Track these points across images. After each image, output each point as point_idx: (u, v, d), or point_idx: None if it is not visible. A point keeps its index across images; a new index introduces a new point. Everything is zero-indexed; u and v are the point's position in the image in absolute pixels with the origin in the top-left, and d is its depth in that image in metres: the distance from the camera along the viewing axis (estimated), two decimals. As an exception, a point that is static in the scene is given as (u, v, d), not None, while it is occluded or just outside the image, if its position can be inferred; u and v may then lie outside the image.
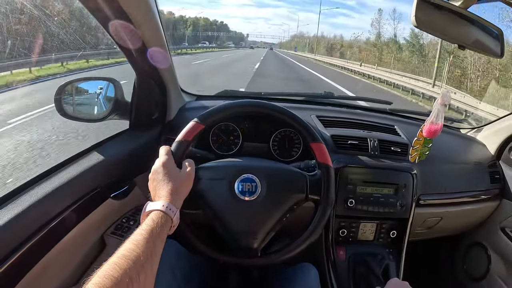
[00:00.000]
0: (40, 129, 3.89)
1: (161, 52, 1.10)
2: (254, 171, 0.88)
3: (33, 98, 5.05)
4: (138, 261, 0.58)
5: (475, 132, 1.66)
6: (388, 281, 0.91)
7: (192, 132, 0.89)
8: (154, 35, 1.02)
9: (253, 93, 1.60)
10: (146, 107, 1.23)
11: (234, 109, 0.94)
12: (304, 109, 1.44)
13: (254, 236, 0.86)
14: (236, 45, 71.76)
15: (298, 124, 0.95)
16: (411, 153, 1.19)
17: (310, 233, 0.89)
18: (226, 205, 0.86)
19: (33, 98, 5.08)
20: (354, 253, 1.24)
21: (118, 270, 0.54)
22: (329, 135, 1.27)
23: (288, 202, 0.88)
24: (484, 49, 0.93)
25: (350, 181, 1.19)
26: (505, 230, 1.45)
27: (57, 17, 2.87)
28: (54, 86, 1.07)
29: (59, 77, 5.93)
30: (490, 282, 1.49)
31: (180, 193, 0.79)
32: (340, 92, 10.55)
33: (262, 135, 1.28)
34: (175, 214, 0.74)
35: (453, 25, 0.85)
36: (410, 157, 1.20)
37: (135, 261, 0.58)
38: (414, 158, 1.20)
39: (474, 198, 1.44)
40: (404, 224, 1.26)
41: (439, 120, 1.10)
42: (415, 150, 1.18)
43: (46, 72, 5.95)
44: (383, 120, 1.48)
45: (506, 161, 1.51)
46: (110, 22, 0.90)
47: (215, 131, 1.26)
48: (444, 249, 1.77)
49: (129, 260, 0.57)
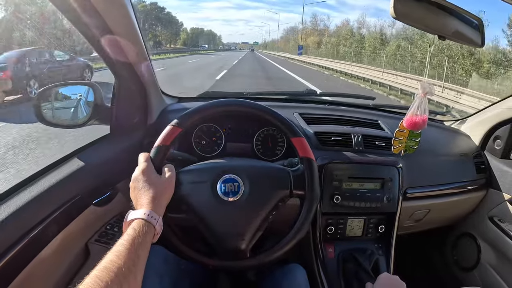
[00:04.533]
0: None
1: (140, 55, 1.09)
2: (236, 171, 0.88)
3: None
4: (120, 272, 0.57)
5: (459, 124, 1.68)
6: (378, 276, 0.91)
7: (170, 136, 0.88)
8: (131, 38, 1.01)
9: (236, 93, 1.59)
10: (127, 111, 1.21)
11: (210, 110, 0.93)
12: (287, 107, 1.44)
13: (241, 237, 0.84)
14: (210, 49, 58.41)
15: (277, 120, 0.94)
16: (394, 145, 1.18)
17: (298, 230, 0.88)
18: (210, 207, 0.85)
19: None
20: (343, 250, 1.24)
21: (100, 283, 0.54)
22: (312, 132, 1.26)
23: (272, 200, 0.87)
24: (464, 39, 0.93)
25: (335, 177, 1.19)
26: (493, 219, 1.46)
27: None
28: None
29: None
30: (481, 271, 1.51)
31: (161, 199, 0.78)
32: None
33: (245, 135, 1.27)
34: (158, 222, 0.73)
35: (433, 16, 0.85)
36: (393, 148, 1.19)
37: (117, 273, 0.57)
38: (398, 149, 1.19)
39: (461, 189, 1.45)
40: (392, 218, 1.26)
41: (422, 111, 1.09)
42: (398, 141, 1.17)
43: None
44: (366, 116, 1.48)
45: (491, 151, 1.53)
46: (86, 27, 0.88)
47: (198, 133, 1.25)
48: (433, 241, 1.79)
49: (111, 272, 0.57)
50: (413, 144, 1.18)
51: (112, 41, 0.95)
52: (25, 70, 5.12)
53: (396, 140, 1.16)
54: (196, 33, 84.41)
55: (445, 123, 1.72)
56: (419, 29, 0.92)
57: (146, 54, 1.13)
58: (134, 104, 1.22)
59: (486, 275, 1.48)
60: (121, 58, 1.03)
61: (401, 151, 1.18)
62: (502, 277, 1.41)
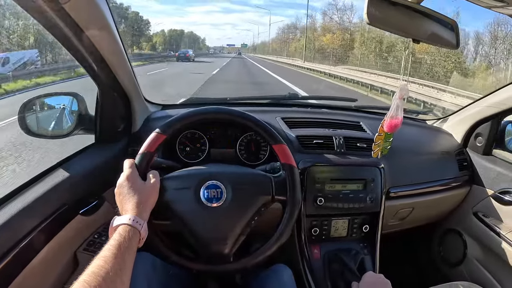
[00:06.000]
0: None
1: (121, 63, 1.10)
2: (219, 177, 0.90)
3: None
4: (108, 277, 0.59)
5: (441, 122, 1.70)
6: (363, 275, 0.93)
7: (155, 143, 0.89)
8: (112, 47, 1.02)
9: (219, 99, 1.60)
10: (111, 120, 1.22)
11: (194, 117, 0.95)
12: (269, 112, 1.46)
13: (224, 242, 0.87)
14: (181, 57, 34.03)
15: (258, 127, 0.96)
16: (373, 149, 1.20)
17: (280, 235, 0.90)
18: (194, 213, 0.87)
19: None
20: (328, 250, 1.26)
21: (88, 287, 0.55)
22: (294, 135, 1.28)
23: (255, 205, 0.89)
24: (440, 42, 0.95)
25: (318, 180, 1.20)
26: (478, 214, 1.49)
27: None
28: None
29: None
30: (468, 266, 1.53)
31: (146, 205, 0.80)
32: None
33: (229, 141, 1.29)
34: (142, 226, 0.75)
35: (408, 20, 0.86)
36: (373, 152, 1.21)
37: (104, 277, 0.59)
38: (377, 153, 1.21)
39: (444, 186, 1.47)
40: (376, 217, 1.28)
41: (398, 113, 1.11)
42: (377, 145, 1.19)
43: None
44: (348, 117, 1.50)
45: (473, 148, 1.56)
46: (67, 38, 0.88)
47: (182, 140, 1.27)
48: (419, 238, 1.81)
49: (98, 276, 0.58)
50: (387, 145, 1.20)
51: (93, 51, 0.96)
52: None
53: (375, 145, 1.19)
54: (175, 35, 71.28)
55: (427, 122, 1.75)
56: (394, 34, 0.94)
57: (127, 62, 1.14)
58: (117, 112, 1.23)
59: (473, 270, 1.51)
60: (103, 67, 1.04)
61: (378, 154, 1.21)
62: (489, 271, 1.44)
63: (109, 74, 1.08)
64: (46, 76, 7.72)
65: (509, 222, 1.39)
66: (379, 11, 0.81)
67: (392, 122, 1.12)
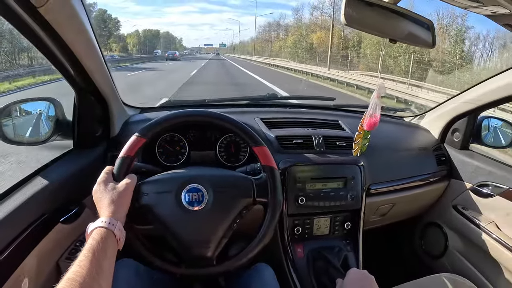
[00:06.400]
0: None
1: (98, 66, 1.08)
2: (199, 180, 0.90)
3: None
4: (84, 281, 0.59)
5: (418, 119, 1.74)
6: (348, 272, 0.94)
7: (134, 147, 0.89)
8: (89, 51, 1.01)
9: (198, 101, 1.60)
10: (88, 125, 1.20)
11: (174, 120, 0.95)
12: (248, 113, 1.46)
13: (206, 245, 0.87)
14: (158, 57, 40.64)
15: (238, 129, 0.96)
16: (353, 148, 1.22)
17: (262, 236, 0.91)
18: (175, 217, 0.87)
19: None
20: (312, 249, 1.27)
21: None
22: (274, 136, 1.29)
23: (236, 208, 0.90)
24: (417, 41, 0.97)
25: (298, 179, 1.21)
26: (457, 207, 1.54)
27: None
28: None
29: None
30: (450, 258, 1.58)
31: (119, 205, 0.80)
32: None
33: (209, 143, 1.29)
34: (116, 227, 0.74)
35: (384, 20, 0.87)
36: (353, 151, 1.23)
37: (81, 282, 0.59)
38: (356, 152, 1.23)
39: (423, 182, 1.51)
40: (357, 214, 1.30)
41: (376, 112, 1.13)
42: (356, 144, 1.21)
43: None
44: (327, 116, 1.52)
45: (450, 143, 1.60)
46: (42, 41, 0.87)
47: (161, 143, 1.26)
48: (401, 233, 1.85)
49: (75, 282, 0.58)
50: (365, 142, 1.22)
51: (69, 54, 0.94)
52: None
53: (355, 143, 1.21)
54: (149, 36, 68.00)
55: (405, 119, 1.79)
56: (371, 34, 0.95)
57: (104, 66, 1.12)
58: (95, 117, 1.21)
59: (454, 261, 1.55)
60: (79, 71, 1.03)
61: (358, 152, 1.23)
62: (470, 261, 1.48)
63: (85, 78, 1.06)
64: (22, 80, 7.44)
65: (488, 214, 1.44)
66: (356, 12, 0.82)
67: (371, 121, 1.14)
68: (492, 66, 20.60)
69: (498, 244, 1.32)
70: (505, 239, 1.30)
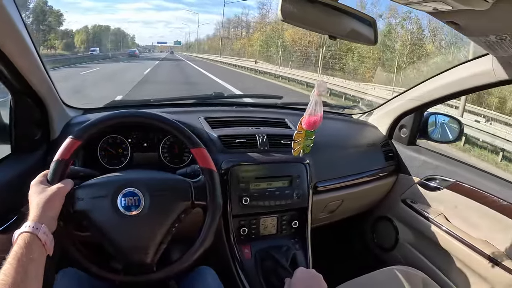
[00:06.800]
0: None
1: (33, 66, 1.02)
2: (135, 184, 0.86)
3: None
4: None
5: (366, 116, 1.78)
6: (294, 271, 0.93)
7: (69, 150, 0.84)
8: (22, 50, 0.94)
9: (143, 101, 1.54)
10: (27, 128, 1.13)
11: (109, 122, 0.91)
12: (193, 112, 1.43)
13: (145, 251, 0.84)
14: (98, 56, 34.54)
15: (175, 130, 0.93)
16: (293, 147, 1.17)
17: (202, 240, 0.89)
18: (112, 222, 0.83)
19: None
20: (259, 249, 1.25)
21: None
22: (216, 136, 1.26)
23: (174, 212, 0.87)
24: (358, 38, 0.97)
25: (242, 179, 1.20)
26: (406, 201, 1.59)
27: None
28: None
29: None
30: (401, 250, 1.63)
31: (46, 209, 0.76)
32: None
33: (151, 144, 1.24)
34: (40, 231, 0.71)
35: (325, 17, 0.85)
36: (293, 151, 1.18)
37: None
38: (298, 151, 1.18)
39: (372, 177, 1.54)
40: (305, 213, 1.30)
41: (318, 110, 1.09)
42: (297, 143, 1.16)
43: None
44: (273, 115, 1.51)
45: (398, 139, 1.65)
46: None
47: (103, 146, 1.20)
48: (352, 228, 1.89)
49: None
50: (309, 143, 1.18)
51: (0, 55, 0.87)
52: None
53: (295, 143, 1.16)
54: (99, 32, 61.74)
55: (353, 116, 1.83)
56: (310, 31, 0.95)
57: (40, 65, 1.06)
58: (33, 120, 1.14)
59: (406, 253, 1.60)
60: (12, 72, 0.96)
61: (299, 152, 1.18)
62: (421, 253, 1.54)
63: (20, 79, 0.99)
64: None
65: (436, 207, 1.49)
66: (295, 7, 0.80)
67: (311, 119, 1.09)
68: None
69: (447, 235, 1.38)
70: (454, 230, 1.36)
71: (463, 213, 1.39)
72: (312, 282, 0.89)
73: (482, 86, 1.24)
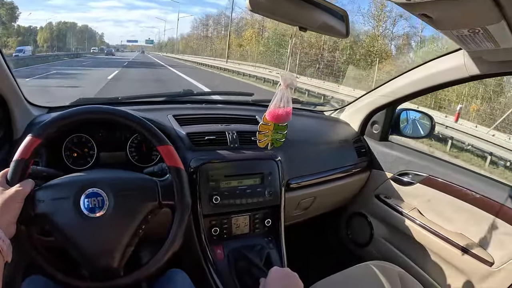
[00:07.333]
0: None
1: None
2: (99, 183, 0.82)
3: None
4: None
5: (338, 113, 1.80)
6: (269, 271, 0.90)
7: (29, 148, 0.79)
8: None
9: (111, 99, 1.49)
10: None
11: (70, 119, 0.85)
12: (162, 110, 1.39)
13: (111, 255, 0.79)
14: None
15: (140, 127, 0.89)
16: (258, 138, 1.14)
17: (171, 242, 0.86)
18: (75, 225, 0.78)
19: None
20: (232, 249, 1.22)
21: None
22: (185, 133, 1.23)
23: (140, 212, 0.83)
24: (330, 31, 0.96)
25: (211, 178, 1.16)
26: (379, 196, 1.61)
27: None
28: None
29: None
30: (376, 245, 1.65)
31: (3, 211, 0.71)
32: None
33: (119, 143, 1.19)
34: None
35: (296, 8, 0.84)
36: (258, 142, 1.15)
37: None
38: (264, 143, 1.15)
39: (345, 173, 1.54)
40: (278, 210, 1.28)
41: (285, 103, 1.06)
42: (262, 135, 1.14)
43: None
44: (244, 112, 1.49)
45: (370, 135, 1.67)
46: None
47: (68, 145, 1.14)
48: (327, 224, 1.91)
49: None
50: (280, 137, 1.16)
51: None
52: None
53: (260, 134, 1.14)
54: (64, 29, 54.79)
55: (325, 113, 1.84)
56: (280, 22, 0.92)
57: (2, 62, 1.01)
58: None
59: (381, 248, 1.62)
60: None
61: (267, 145, 1.17)
62: (396, 247, 1.56)
63: None
64: None
65: (410, 201, 1.52)
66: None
67: (275, 112, 1.06)
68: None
69: (421, 229, 1.40)
70: (428, 224, 1.38)
71: (436, 207, 1.42)
72: (288, 281, 0.87)
73: (453, 81, 1.26)
